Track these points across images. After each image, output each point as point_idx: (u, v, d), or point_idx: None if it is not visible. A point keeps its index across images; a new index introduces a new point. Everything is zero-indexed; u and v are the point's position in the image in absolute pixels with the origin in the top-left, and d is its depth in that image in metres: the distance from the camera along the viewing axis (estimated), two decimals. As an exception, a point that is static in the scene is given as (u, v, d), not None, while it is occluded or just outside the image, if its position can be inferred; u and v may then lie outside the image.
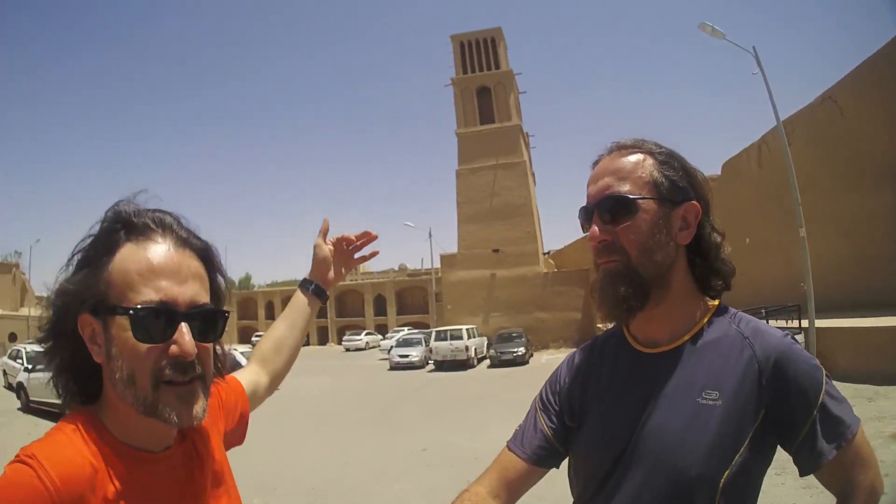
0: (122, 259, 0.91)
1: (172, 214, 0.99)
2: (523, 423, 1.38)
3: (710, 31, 13.99)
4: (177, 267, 0.93)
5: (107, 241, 0.94)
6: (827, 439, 1.07)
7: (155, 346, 0.89)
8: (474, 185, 38.72)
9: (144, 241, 0.93)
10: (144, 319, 0.88)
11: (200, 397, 0.94)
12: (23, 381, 15.81)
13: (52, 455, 0.85)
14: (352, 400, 17.48)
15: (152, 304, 0.89)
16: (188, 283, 0.93)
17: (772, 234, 20.29)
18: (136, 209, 0.97)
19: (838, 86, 17.58)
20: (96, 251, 0.94)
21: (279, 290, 64.96)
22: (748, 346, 1.12)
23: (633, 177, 1.17)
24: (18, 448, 0.88)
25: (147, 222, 0.95)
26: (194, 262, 0.97)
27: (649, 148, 1.21)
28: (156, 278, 0.90)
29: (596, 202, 1.19)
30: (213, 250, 1.04)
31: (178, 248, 0.95)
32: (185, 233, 0.98)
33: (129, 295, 0.89)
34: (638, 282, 1.15)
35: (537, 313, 35.47)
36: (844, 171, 17.04)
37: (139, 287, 0.89)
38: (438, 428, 12.12)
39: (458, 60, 41.23)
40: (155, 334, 0.89)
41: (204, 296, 0.96)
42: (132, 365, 0.89)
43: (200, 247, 1.00)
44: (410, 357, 28.04)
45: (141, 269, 0.90)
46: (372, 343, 45.24)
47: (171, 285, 0.91)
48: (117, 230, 0.94)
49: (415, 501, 7.11)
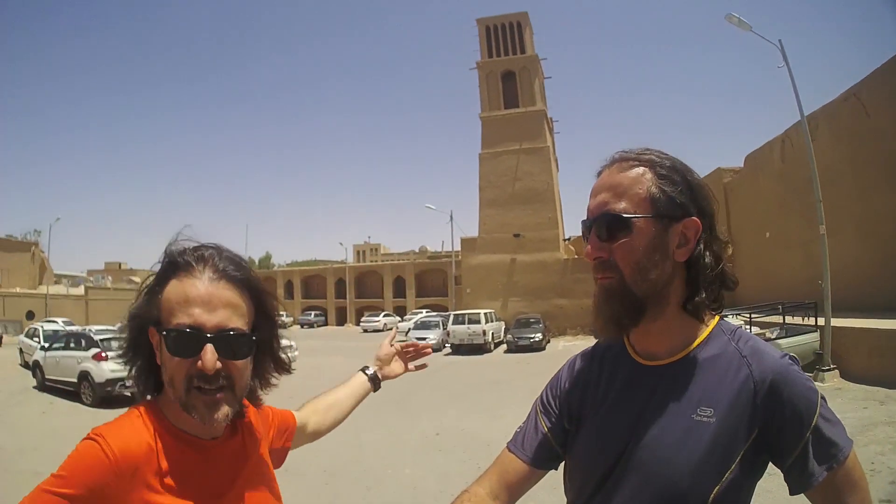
0: (168, 291, 1.15)
1: (213, 249, 1.20)
2: (524, 424, 1.40)
3: (736, 22, 13.74)
4: (208, 297, 1.12)
5: (161, 276, 1.18)
6: (818, 461, 1.07)
7: (184, 359, 1.10)
8: (497, 170, 38.50)
9: (185, 276, 1.14)
10: (176, 339, 1.10)
11: (224, 406, 1.13)
12: (39, 360, 16.03)
13: (115, 434, 1.08)
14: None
15: (183, 326, 1.10)
16: (218, 311, 1.12)
17: (792, 229, 20.01)
18: (181, 250, 1.19)
19: (863, 84, 17.13)
20: (154, 284, 1.19)
21: (299, 270, 65.47)
22: (745, 366, 1.12)
23: (630, 193, 1.15)
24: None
25: (189, 260, 1.16)
26: (228, 292, 1.15)
27: (651, 160, 1.18)
28: (189, 306, 1.11)
29: (593, 218, 1.19)
30: (255, 280, 1.22)
31: (213, 281, 1.14)
32: (223, 265, 1.17)
33: (169, 318, 1.12)
34: (631, 300, 1.15)
35: (556, 300, 35.32)
36: (867, 170, 16.68)
37: (176, 313, 1.11)
38: (453, 412, 12.19)
39: (483, 44, 40.77)
40: (183, 351, 1.10)
41: (235, 321, 1.15)
42: (171, 371, 1.12)
43: (239, 278, 1.18)
44: (427, 340, 27.84)
45: (179, 300, 1.12)
46: (390, 325, 45.23)
47: (202, 312, 1.11)
48: (168, 269, 1.18)
49: (427, 486, 7.14)
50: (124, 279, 63.51)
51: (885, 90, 16.23)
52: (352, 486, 7.16)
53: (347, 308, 56.27)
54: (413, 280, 55.12)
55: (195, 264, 1.16)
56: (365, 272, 61.07)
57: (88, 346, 14.28)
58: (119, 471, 1.04)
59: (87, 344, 14.42)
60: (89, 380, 13.60)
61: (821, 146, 16.62)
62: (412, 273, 55.63)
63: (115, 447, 1.05)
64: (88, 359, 13.81)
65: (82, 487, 1.01)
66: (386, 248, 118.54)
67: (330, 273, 59.49)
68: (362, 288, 58.53)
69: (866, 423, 8.58)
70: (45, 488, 1.02)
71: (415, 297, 54.20)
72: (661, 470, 1.10)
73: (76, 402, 13.75)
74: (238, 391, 1.17)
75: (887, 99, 16.09)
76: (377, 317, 46.90)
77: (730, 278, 1.21)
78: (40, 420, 11.86)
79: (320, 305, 57.44)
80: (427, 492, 6.94)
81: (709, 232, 1.17)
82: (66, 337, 15.99)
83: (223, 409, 1.12)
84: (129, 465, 1.05)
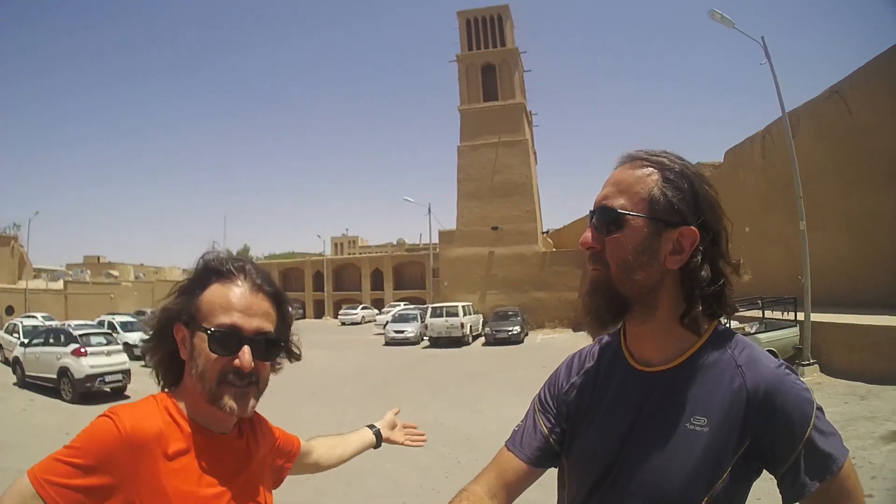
0: (210, 293, 1.25)
1: (249, 263, 1.33)
2: (522, 423, 1.39)
3: (719, 18, 13.82)
4: (248, 305, 1.25)
5: (200, 279, 1.28)
6: (811, 474, 1.06)
7: (222, 357, 1.21)
8: (475, 162, 38.46)
9: (228, 283, 1.27)
10: (219, 338, 1.21)
11: (251, 399, 1.25)
12: (19, 356, 15.83)
13: (129, 413, 1.16)
14: (347, 375, 17.58)
15: (226, 327, 1.21)
16: (256, 317, 1.25)
17: (773, 224, 20.21)
18: (222, 258, 1.31)
19: (846, 81, 17.31)
20: (192, 285, 1.29)
21: (276, 263, 64.94)
22: (739, 375, 1.11)
23: (631, 191, 1.15)
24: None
25: (231, 269, 1.28)
26: (265, 302, 1.29)
27: (662, 162, 1.17)
28: (231, 310, 1.23)
29: (593, 210, 1.21)
30: (283, 294, 1.36)
31: (252, 291, 1.27)
32: (259, 279, 1.30)
33: (211, 318, 1.22)
34: (613, 296, 1.16)
35: (534, 292, 35.49)
36: (849, 167, 16.87)
37: (219, 314, 1.22)
38: (432, 406, 12.21)
39: (463, 37, 40.59)
40: (225, 349, 1.21)
41: (268, 327, 1.27)
42: (204, 366, 1.21)
43: (271, 292, 1.32)
44: (406, 333, 28.13)
45: (222, 303, 1.24)
46: (368, 318, 45.24)
47: (241, 317, 1.23)
48: (209, 274, 1.28)
49: (408, 481, 7.18)
50: (103, 273, 62.63)
51: (867, 88, 16.39)
52: (333, 481, 7.04)
53: (325, 301, 56.04)
54: (391, 273, 55.08)
55: (237, 273, 1.28)
56: (343, 265, 60.86)
57: (68, 341, 14.18)
58: (130, 446, 1.10)
59: (66, 339, 14.32)
60: (69, 376, 13.50)
61: (802, 143, 16.79)
62: (390, 266, 55.58)
63: (128, 424, 1.12)
64: (68, 354, 13.71)
65: (93, 458, 1.08)
66: (364, 241, 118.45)
67: (308, 266, 59.12)
68: (340, 281, 58.33)
69: (847, 417, 8.68)
70: (57, 457, 1.08)
71: (393, 289, 54.17)
72: (654, 478, 1.10)
73: (56, 398, 13.62)
74: (262, 386, 1.29)
75: (870, 97, 16.26)
76: (355, 310, 46.75)
77: (729, 303, 1.18)
78: (21, 417, 11.76)
79: (298, 298, 57.03)
80: (408, 486, 6.98)
81: (712, 247, 1.15)
82: (46, 333, 15.83)
83: (250, 401, 1.25)
84: (140, 442, 1.12)
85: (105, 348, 14.35)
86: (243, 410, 1.23)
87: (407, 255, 60.15)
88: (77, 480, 1.07)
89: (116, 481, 1.10)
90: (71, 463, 1.07)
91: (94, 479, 1.08)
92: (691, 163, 1.20)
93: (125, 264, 72.57)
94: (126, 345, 18.92)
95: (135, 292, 55.11)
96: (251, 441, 1.39)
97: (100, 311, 37.10)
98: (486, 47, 40.13)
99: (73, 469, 1.07)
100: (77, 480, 1.07)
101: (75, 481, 1.07)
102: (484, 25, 40.25)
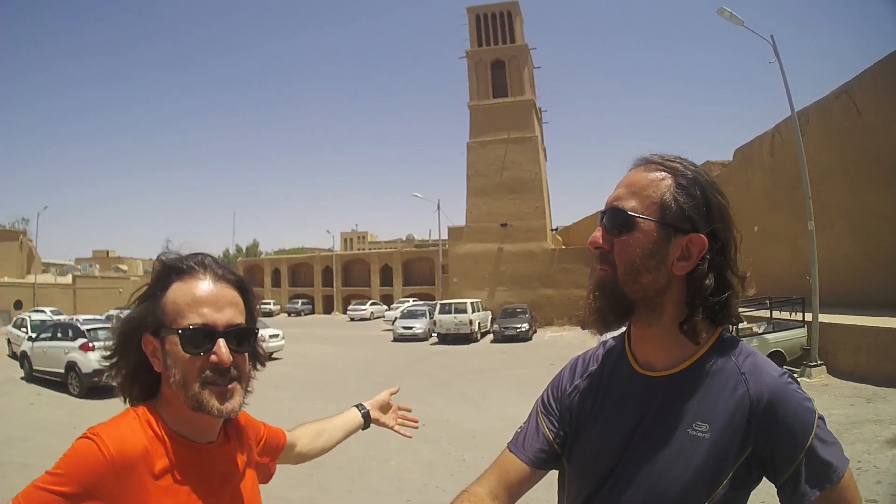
0: (173, 293, 1.20)
1: (210, 256, 1.28)
2: (524, 424, 1.39)
3: (728, 16, 13.70)
4: (215, 297, 1.21)
5: (160, 282, 1.23)
6: (811, 483, 1.06)
7: (197, 356, 1.16)
8: (485, 159, 38.39)
9: (189, 279, 1.22)
10: (191, 336, 1.16)
11: (237, 395, 1.21)
12: (26, 350, 15.87)
13: (111, 433, 1.10)
14: (353, 370, 17.63)
15: (197, 325, 1.17)
16: (225, 309, 1.21)
17: (781, 223, 20.08)
18: (178, 257, 1.26)
19: (855, 81, 17.17)
20: (153, 289, 1.24)
21: (286, 258, 65.19)
22: (743, 383, 1.12)
23: (643, 194, 1.16)
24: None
25: (191, 265, 1.23)
26: (231, 291, 1.25)
27: (676, 168, 1.17)
28: (199, 306, 1.18)
29: (604, 210, 1.21)
30: (246, 282, 1.32)
31: (216, 283, 1.23)
32: (221, 270, 1.26)
33: (178, 319, 1.17)
34: (618, 297, 1.16)
35: (543, 290, 35.40)
36: (857, 167, 16.73)
37: (187, 313, 1.17)
38: (438, 403, 12.22)
39: (473, 33, 40.44)
40: (199, 347, 1.16)
41: (238, 317, 1.23)
42: (183, 371, 1.16)
43: (235, 280, 1.28)
44: (414, 329, 28.17)
45: (187, 301, 1.19)
46: (377, 313, 45.40)
47: (211, 311, 1.19)
48: (168, 274, 1.23)
49: (412, 478, 7.17)
50: (112, 267, 63.14)
51: (876, 89, 16.26)
52: (336, 476, 7.15)
53: (335, 296, 56.15)
54: (400, 268, 55.11)
55: (197, 268, 1.23)
56: (352, 260, 60.94)
57: (75, 336, 14.17)
58: (115, 469, 1.06)
59: (74, 334, 14.32)
60: (76, 370, 13.49)
61: (811, 142, 16.65)
62: (399, 261, 55.61)
63: (112, 446, 1.07)
64: (75, 349, 13.69)
65: (78, 485, 1.03)
66: (373, 237, 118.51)
67: (317, 261, 59.25)
68: (349, 276, 58.44)
69: (853, 420, 8.61)
70: (39, 485, 1.03)
71: (402, 285, 54.20)
72: (655, 483, 1.11)
73: (63, 392, 13.66)
74: (244, 381, 1.24)
75: (879, 97, 16.12)
76: (364, 305, 46.85)
77: (734, 314, 1.18)
78: (27, 411, 11.79)
79: (307, 294, 57.26)
80: (412, 483, 6.96)
81: (720, 257, 1.15)
82: (54, 327, 15.82)
83: (236, 398, 1.20)
84: (125, 463, 1.08)
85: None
86: (231, 410, 1.19)
87: (416, 251, 60.13)
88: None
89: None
90: (55, 491, 1.03)
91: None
92: (705, 171, 1.19)
93: (134, 259, 73.07)
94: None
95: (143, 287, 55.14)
96: (236, 445, 1.35)
97: (108, 306, 37.30)
98: (495, 43, 39.96)
99: (58, 497, 1.03)
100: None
101: None
102: (493, 21, 40.07)
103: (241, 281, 1.30)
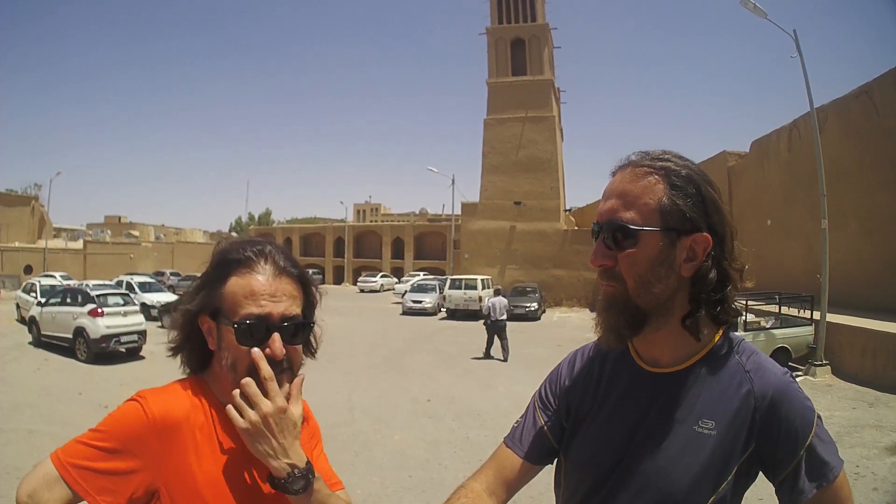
0: (232, 285, 1.21)
1: (271, 245, 1.29)
2: (521, 419, 1.39)
3: (752, 7, 13.43)
4: (273, 290, 1.21)
5: (219, 272, 1.24)
6: (809, 479, 1.09)
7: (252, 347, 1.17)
8: (501, 136, 38.08)
9: (249, 270, 1.22)
10: (246, 330, 1.17)
11: (285, 384, 1.20)
12: (35, 316, 15.74)
13: (157, 397, 1.17)
14: (364, 343, 17.75)
15: (252, 317, 1.18)
16: (282, 301, 1.21)
17: (795, 219, 19.84)
18: (239, 246, 1.26)
19: (875, 83, 16.76)
20: (211, 278, 1.25)
21: (298, 227, 65.32)
22: (747, 381, 1.14)
23: (640, 203, 1.13)
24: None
25: (251, 255, 1.23)
26: (289, 285, 1.25)
27: (666, 168, 1.15)
28: (256, 298, 1.19)
29: (601, 225, 1.18)
30: (307, 274, 1.32)
31: (275, 275, 1.23)
32: (282, 261, 1.26)
33: (236, 310, 1.19)
34: (632, 311, 1.15)
35: (554, 270, 35.36)
36: (874, 167, 16.42)
37: (244, 304, 1.18)
38: (444, 378, 12.33)
39: (494, 10, 39.71)
40: (253, 340, 1.17)
41: (295, 309, 1.24)
42: (234, 358, 1.18)
43: (297, 274, 1.28)
44: (423, 303, 28.33)
45: (245, 293, 1.19)
46: (387, 286, 45.62)
47: (268, 303, 1.19)
48: (228, 264, 1.23)
49: (415, 454, 7.23)
50: (124, 233, 63.25)
51: (895, 91, 15.94)
52: (340, 449, 7.21)
53: (346, 267, 56.36)
54: (412, 242, 55.06)
55: (256, 259, 1.23)
56: (364, 232, 60.96)
57: (85, 301, 14.13)
58: (157, 431, 1.11)
59: (83, 299, 14.27)
60: (84, 336, 13.54)
61: (829, 140, 16.37)
62: (411, 235, 55.53)
63: (157, 409, 1.13)
64: (84, 314, 13.71)
65: (118, 442, 1.09)
66: (386, 209, 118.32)
67: (329, 231, 59.36)
68: (361, 247, 58.55)
69: (854, 424, 8.60)
70: (81, 440, 1.10)
71: (413, 259, 54.22)
72: (659, 481, 1.12)
73: (71, 357, 13.76)
74: (295, 370, 1.26)
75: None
76: (374, 277, 47.02)
77: (732, 308, 1.19)
78: (35, 377, 11.80)
79: (318, 264, 57.40)
80: (415, 459, 7.03)
81: (719, 250, 1.15)
82: (63, 292, 15.75)
83: (284, 387, 1.20)
84: (168, 426, 1.13)
85: (122, 308, 14.33)
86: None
87: (429, 226, 59.99)
88: (102, 464, 1.07)
89: (143, 465, 1.10)
90: (96, 446, 1.07)
91: (119, 462, 1.08)
92: (693, 162, 1.19)
93: (146, 225, 73.26)
94: (143, 305, 18.97)
95: (154, 253, 55.58)
96: None
97: (119, 272, 37.48)
98: (516, 21, 39.26)
99: (98, 452, 1.07)
100: (102, 464, 1.07)
101: (100, 464, 1.07)
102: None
103: (303, 275, 1.30)
